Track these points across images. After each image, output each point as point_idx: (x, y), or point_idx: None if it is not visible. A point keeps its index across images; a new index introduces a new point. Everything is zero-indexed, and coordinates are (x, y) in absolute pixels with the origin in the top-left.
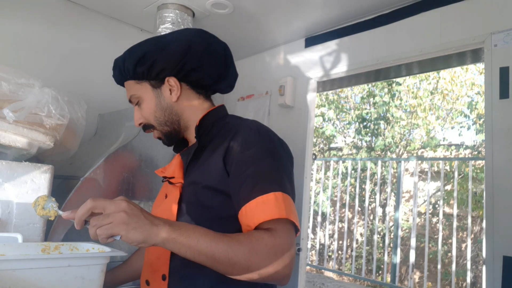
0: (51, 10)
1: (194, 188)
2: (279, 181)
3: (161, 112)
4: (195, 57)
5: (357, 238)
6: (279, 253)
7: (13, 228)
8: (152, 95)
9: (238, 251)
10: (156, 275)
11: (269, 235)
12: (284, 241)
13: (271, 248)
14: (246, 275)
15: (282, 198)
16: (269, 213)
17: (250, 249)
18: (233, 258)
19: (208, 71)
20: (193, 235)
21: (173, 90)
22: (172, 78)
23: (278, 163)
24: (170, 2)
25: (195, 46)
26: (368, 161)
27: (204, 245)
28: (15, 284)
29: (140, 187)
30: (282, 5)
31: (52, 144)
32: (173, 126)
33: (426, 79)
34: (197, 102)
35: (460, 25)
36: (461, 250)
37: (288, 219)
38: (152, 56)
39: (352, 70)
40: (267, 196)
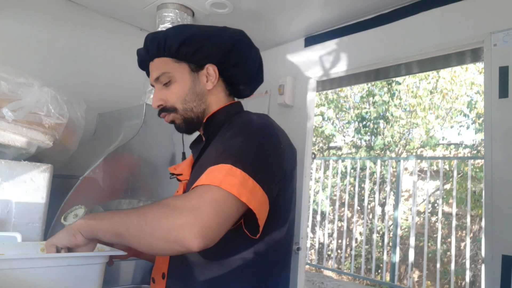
0: (51, 10)
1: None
2: (236, 156)
3: (192, 97)
4: (241, 53)
5: (357, 237)
6: (177, 209)
7: (12, 228)
8: (188, 78)
9: (134, 215)
10: (158, 273)
11: (174, 196)
12: (190, 198)
13: (169, 206)
14: (142, 239)
15: (227, 170)
16: (203, 180)
17: (145, 211)
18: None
19: (246, 70)
20: (105, 216)
21: (210, 79)
22: (213, 67)
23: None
24: (169, 1)
25: (242, 42)
26: (367, 160)
27: (118, 222)
28: (14, 283)
29: (139, 186)
30: (282, 5)
31: (51, 144)
32: (198, 114)
33: (426, 79)
34: (224, 97)
35: (459, 25)
36: (460, 249)
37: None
38: (200, 40)
39: (351, 69)
40: (215, 167)
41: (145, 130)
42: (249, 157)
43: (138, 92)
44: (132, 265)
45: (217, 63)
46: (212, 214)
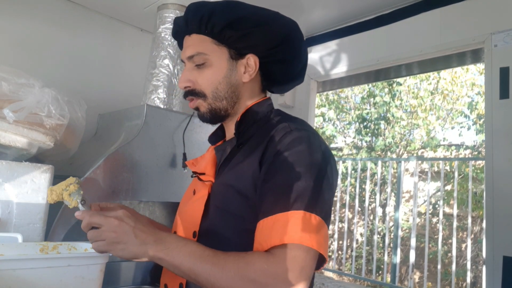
0: (51, 10)
1: (224, 191)
2: (307, 198)
3: (225, 86)
4: (289, 49)
5: (357, 238)
6: (270, 281)
7: (13, 228)
8: (225, 65)
9: (221, 276)
10: (174, 282)
11: (263, 259)
12: (281, 266)
13: (261, 275)
14: None
15: (302, 219)
16: (280, 236)
17: (234, 275)
18: (215, 284)
19: (290, 68)
20: (177, 256)
21: (249, 71)
22: (255, 58)
23: (314, 177)
24: (170, 2)
25: (293, 37)
26: (368, 161)
27: (187, 266)
28: (15, 284)
29: (140, 187)
30: (282, 5)
31: (52, 144)
32: (227, 106)
33: (427, 79)
34: (258, 94)
35: (460, 25)
36: (461, 250)
37: (302, 245)
38: (249, 26)
39: (352, 70)
40: (286, 215)
41: (146, 130)
42: (320, 196)
43: (139, 93)
44: (133, 265)
45: (260, 55)
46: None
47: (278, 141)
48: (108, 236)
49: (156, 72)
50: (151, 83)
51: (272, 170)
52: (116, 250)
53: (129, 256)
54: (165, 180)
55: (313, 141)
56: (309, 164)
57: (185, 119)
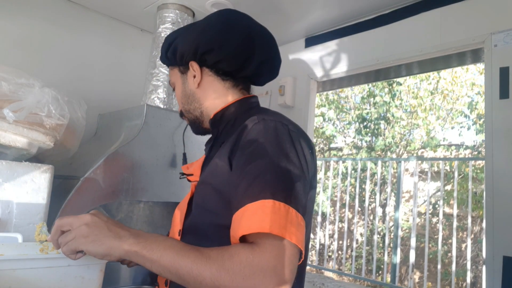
0: (51, 10)
1: (202, 187)
2: (274, 187)
3: (185, 99)
4: (208, 38)
5: (357, 238)
6: (257, 273)
7: (13, 228)
8: (180, 81)
9: (205, 269)
10: (161, 280)
11: (248, 250)
12: (266, 258)
13: (247, 267)
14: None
15: (272, 208)
16: (250, 225)
17: (219, 267)
18: (199, 277)
19: (223, 54)
20: (157, 249)
21: (195, 76)
22: (193, 63)
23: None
24: (170, 2)
25: (210, 27)
26: (368, 161)
27: (167, 260)
28: (15, 284)
29: (140, 187)
30: (282, 5)
31: (52, 144)
32: (195, 114)
33: (427, 79)
34: (222, 90)
35: (460, 25)
36: (461, 250)
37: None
38: (177, 40)
39: (352, 70)
40: (254, 205)
41: (146, 130)
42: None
43: (139, 93)
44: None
45: (192, 57)
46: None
47: (245, 133)
48: (78, 231)
49: (156, 72)
50: (151, 83)
51: (241, 163)
52: (87, 244)
53: (102, 250)
54: (165, 180)
55: (280, 129)
56: (275, 153)
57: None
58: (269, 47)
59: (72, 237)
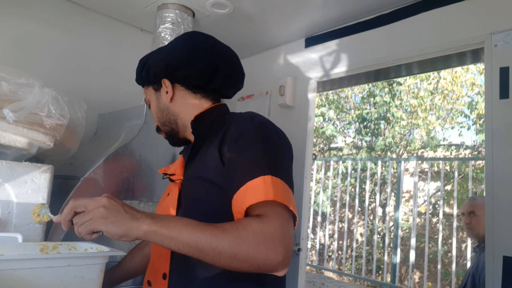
0: (51, 10)
1: (192, 182)
2: (269, 165)
3: (160, 113)
4: (177, 56)
5: (357, 238)
6: (269, 239)
7: (13, 228)
8: (154, 98)
9: (223, 240)
10: (157, 274)
11: (257, 220)
12: (274, 226)
13: (259, 234)
14: (234, 264)
15: (271, 181)
16: (256, 196)
17: (235, 237)
18: (218, 247)
19: (191, 69)
20: (175, 226)
21: (168, 92)
22: (165, 80)
23: (270, 148)
24: (170, 2)
25: (179, 47)
26: (368, 161)
27: (187, 235)
28: (15, 284)
29: (140, 187)
30: (282, 5)
31: (52, 144)
32: (171, 126)
33: (427, 79)
34: (194, 102)
35: (460, 25)
36: (461, 250)
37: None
38: (149, 62)
39: (352, 70)
40: (255, 181)
41: (146, 130)
42: (280, 163)
43: (139, 93)
44: None
45: (163, 75)
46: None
47: (234, 129)
48: (96, 212)
49: None
50: None
51: (235, 152)
52: (107, 224)
53: (121, 230)
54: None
55: (264, 122)
56: (264, 139)
57: None
58: (231, 62)
59: (90, 217)
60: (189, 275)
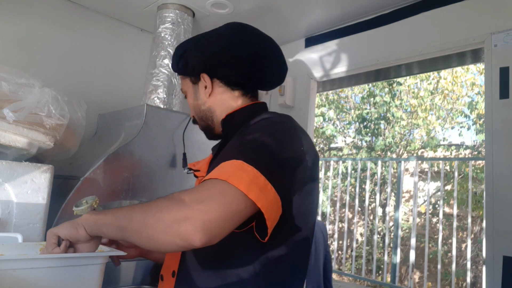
0: (51, 10)
1: None
2: (249, 153)
3: (198, 108)
4: (218, 52)
5: (357, 238)
6: (182, 203)
7: (13, 228)
8: (192, 91)
9: (140, 209)
10: (168, 271)
11: (181, 191)
12: (196, 193)
13: (173, 199)
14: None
15: (238, 165)
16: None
17: (150, 203)
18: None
19: (233, 67)
20: (111, 211)
21: (208, 87)
22: (204, 75)
23: (266, 141)
24: (170, 2)
25: (221, 42)
26: (368, 161)
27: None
28: (15, 284)
29: (140, 187)
30: (282, 5)
31: (52, 144)
32: (208, 122)
33: (427, 79)
34: (232, 99)
35: (460, 25)
36: (461, 250)
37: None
38: (188, 53)
39: (352, 70)
40: (226, 162)
41: (146, 130)
42: (263, 154)
43: (139, 93)
44: (133, 265)
45: (204, 70)
46: (216, 208)
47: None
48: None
49: (156, 72)
50: (151, 83)
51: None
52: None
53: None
54: (165, 180)
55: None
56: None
57: (185, 119)
58: (276, 57)
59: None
60: (193, 274)
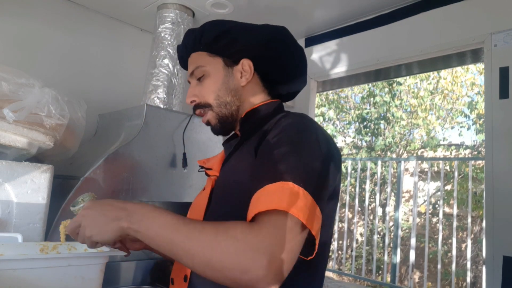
0: (51, 10)
1: (224, 183)
2: (295, 172)
3: (225, 92)
4: (278, 47)
5: (357, 238)
6: (252, 249)
7: (13, 228)
8: (222, 73)
9: (197, 242)
10: (179, 275)
11: (246, 226)
12: (264, 236)
13: (241, 242)
14: (208, 271)
15: (290, 189)
16: (267, 203)
17: (211, 240)
18: (191, 250)
19: (283, 66)
20: (152, 225)
21: (245, 75)
22: (248, 62)
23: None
24: (170, 2)
25: (280, 37)
26: (368, 161)
27: (162, 235)
28: (15, 284)
29: (140, 187)
30: (282, 5)
31: (52, 144)
32: (232, 111)
33: (427, 79)
34: (260, 95)
35: (460, 25)
36: (461, 250)
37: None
38: (236, 33)
39: (352, 70)
40: (274, 185)
41: (146, 131)
42: (308, 172)
43: (139, 93)
44: (133, 265)
45: (252, 57)
46: (287, 254)
47: (274, 127)
48: (84, 230)
49: (156, 72)
50: (151, 83)
51: (266, 150)
52: (98, 236)
53: (108, 236)
54: (165, 180)
55: (308, 124)
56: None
57: (185, 119)
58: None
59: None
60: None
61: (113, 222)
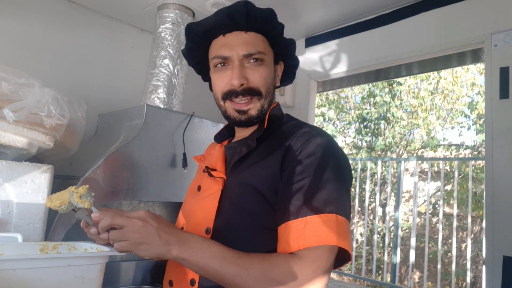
0: (51, 10)
1: (240, 188)
2: (336, 201)
3: (271, 86)
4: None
5: (357, 238)
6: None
7: (13, 228)
8: (272, 66)
9: (248, 277)
10: (183, 278)
11: (291, 262)
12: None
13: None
14: None
15: (336, 221)
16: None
17: (260, 276)
18: (241, 284)
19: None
20: (202, 257)
21: (278, 76)
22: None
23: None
24: (170, 2)
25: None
26: (368, 161)
27: (212, 268)
28: (15, 284)
29: (140, 187)
30: (282, 5)
31: (52, 144)
32: (269, 107)
33: (427, 79)
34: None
35: (460, 25)
36: (461, 250)
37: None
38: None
39: (352, 70)
40: (318, 217)
41: (146, 130)
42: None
43: (139, 93)
44: (133, 265)
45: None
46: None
47: (302, 146)
48: (132, 236)
49: (156, 72)
50: (151, 83)
51: (298, 173)
52: (140, 250)
53: (153, 256)
54: (165, 180)
55: (334, 147)
56: (335, 169)
57: (185, 119)
58: None
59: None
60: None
61: (164, 246)
